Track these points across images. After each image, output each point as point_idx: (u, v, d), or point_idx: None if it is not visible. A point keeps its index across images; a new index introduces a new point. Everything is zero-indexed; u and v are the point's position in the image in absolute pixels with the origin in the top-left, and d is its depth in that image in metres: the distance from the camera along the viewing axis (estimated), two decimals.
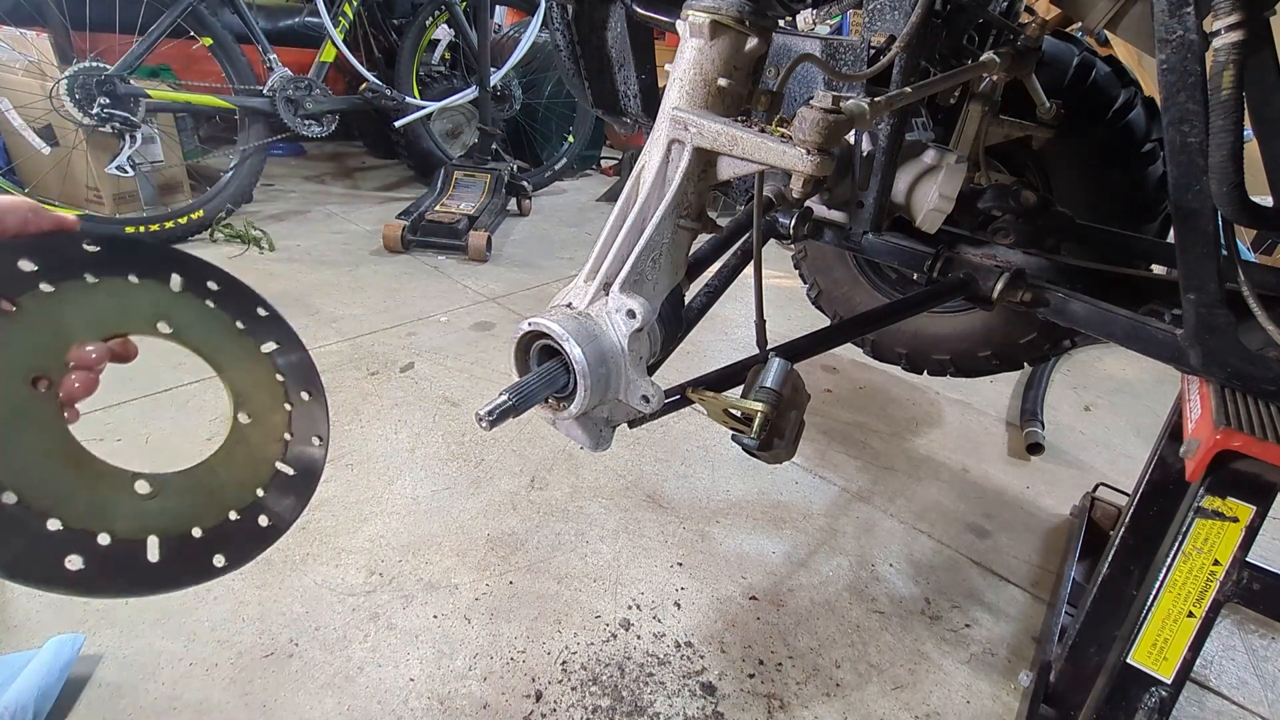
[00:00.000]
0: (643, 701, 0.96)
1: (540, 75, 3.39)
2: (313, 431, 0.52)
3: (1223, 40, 0.57)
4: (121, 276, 0.43)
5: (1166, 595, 0.69)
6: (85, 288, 0.42)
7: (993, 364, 1.35)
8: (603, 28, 1.05)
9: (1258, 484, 0.64)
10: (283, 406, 0.51)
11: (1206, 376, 0.75)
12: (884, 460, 1.58)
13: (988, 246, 1.01)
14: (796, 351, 0.87)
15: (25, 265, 0.39)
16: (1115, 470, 1.62)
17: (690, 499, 1.37)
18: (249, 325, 0.50)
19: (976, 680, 1.06)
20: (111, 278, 0.43)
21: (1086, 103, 1.10)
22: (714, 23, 0.63)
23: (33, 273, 0.39)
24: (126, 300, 0.44)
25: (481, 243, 2.45)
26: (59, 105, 2.06)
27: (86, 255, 0.42)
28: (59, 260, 0.40)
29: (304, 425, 0.52)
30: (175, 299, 0.46)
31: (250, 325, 0.50)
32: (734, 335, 2.13)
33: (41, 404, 0.39)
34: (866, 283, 1.47)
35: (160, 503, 0.43)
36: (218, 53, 2.39)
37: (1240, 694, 1.08)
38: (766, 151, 0.61)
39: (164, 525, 0.42)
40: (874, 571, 1.25)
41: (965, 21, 0.92)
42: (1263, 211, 0.64)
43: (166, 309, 0.46)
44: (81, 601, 1.00)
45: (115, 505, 0.40)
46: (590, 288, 0.64)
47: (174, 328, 0.46)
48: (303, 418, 0.52)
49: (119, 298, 0.43)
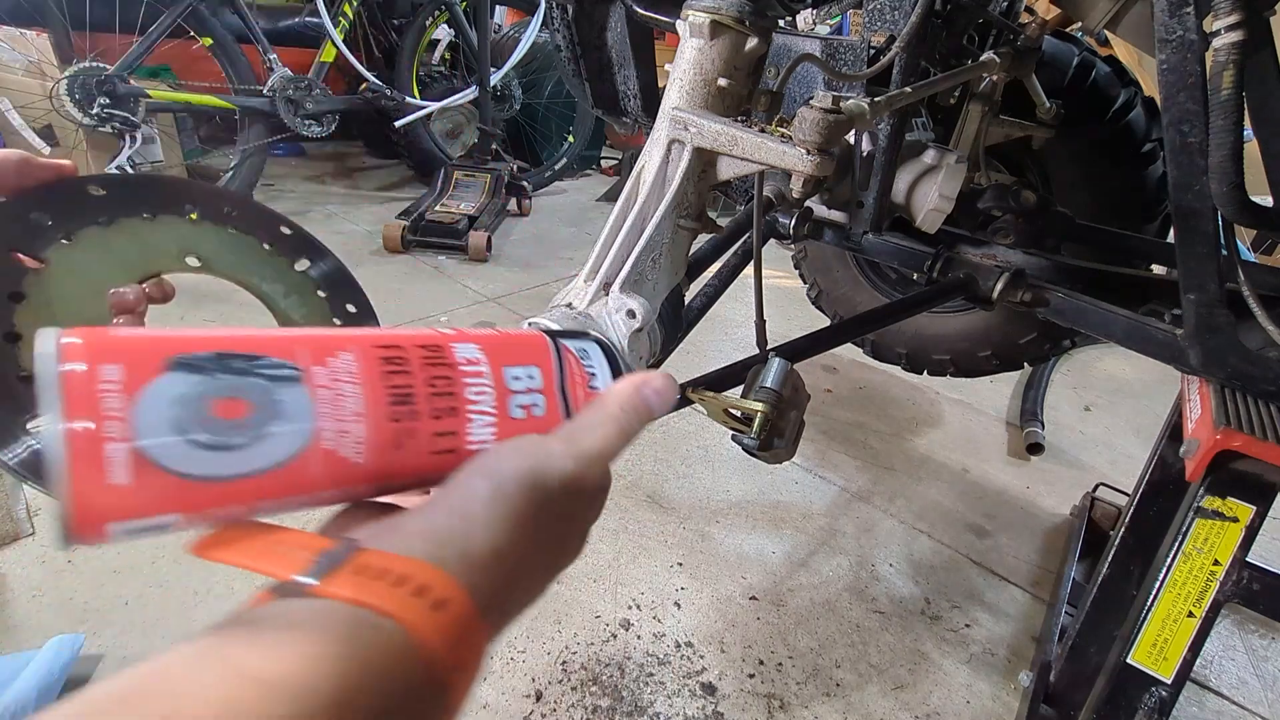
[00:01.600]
0: (643, 701, 0.96)
1: (540, 75, 3.38)
2: None
3: (1223, 40, 0.57)
4: (135, 216, 0.43)
5: (1166, 595, 0.70)
6: (103, 232, 0.41)
7: (993, 364, 1.35)
8: (603, 28, 1.05)
9: (1258, 484, 0.64)
10: (332, 321, 0.51)
11: (1206, 376, 0.75)
12: (884, 460, 1.58)
13: (988, 246, 1.01)
14: (796, 351, 0.87)
15: (39, 219, 0.38)
16: (1115, 470, 1.62)
17: (690, 499, 1.37)
18: (276, 245, 0.49)
19: (976, 680, 1.06)
20: (125, 218, 0.42)
21: (1086, 103, 1.10)
22: (714, 23, 0.63)
23: (49, 226, 0.39)
24: (147, 239, 0.43)
25: (481, 243, 2.45)
26: (59, 105, 2.06)
27: (94, 199, 0.41)
28: (70, 209, 0.40)
29: None
30: (195, 230, 0.45)
31: (278, 245, 0.49)
32: (734, 335, 2.13)
33: None
34: (866, 283, 1.47)
35: None
36: (218, 53, 2.39)
37: (1240, 694, 1.08)
38: (766, 151, 0.61)
39: None
40: (874, 571, 1.25)
41: (965, 21, 0.92)
42: (1263, 211, 0.64)
43: (190, 242, 0.45)
44: (82, 601, 1.00)
45: None
46: (590, 288, 0.64)
47: (203, 259, 0.45)
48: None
49: (139, 238, 0.43)
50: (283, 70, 2.52)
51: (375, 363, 0.27)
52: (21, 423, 0.35)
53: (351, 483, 0.27)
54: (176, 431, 0.23)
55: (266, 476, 0.24)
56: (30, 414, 0.36)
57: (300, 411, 0.25)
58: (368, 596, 0.21)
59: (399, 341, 0.29)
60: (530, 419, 0.32)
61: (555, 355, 0.34)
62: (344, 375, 0.26)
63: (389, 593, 0.21)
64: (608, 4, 1.01)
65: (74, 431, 0.21)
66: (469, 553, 0.24)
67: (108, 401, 0.22)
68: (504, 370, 0.31)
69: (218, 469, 0.23)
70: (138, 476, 0.22)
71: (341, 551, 0.23)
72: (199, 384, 0.23)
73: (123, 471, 0.22)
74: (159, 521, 0.23)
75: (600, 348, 0.37)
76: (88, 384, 0.21)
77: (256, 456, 0.24)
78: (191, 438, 0.23)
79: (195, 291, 0.45)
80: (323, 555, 0.23)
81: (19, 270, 0.38)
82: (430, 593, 0.22)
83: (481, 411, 0.30)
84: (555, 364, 0.33)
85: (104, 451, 0.21)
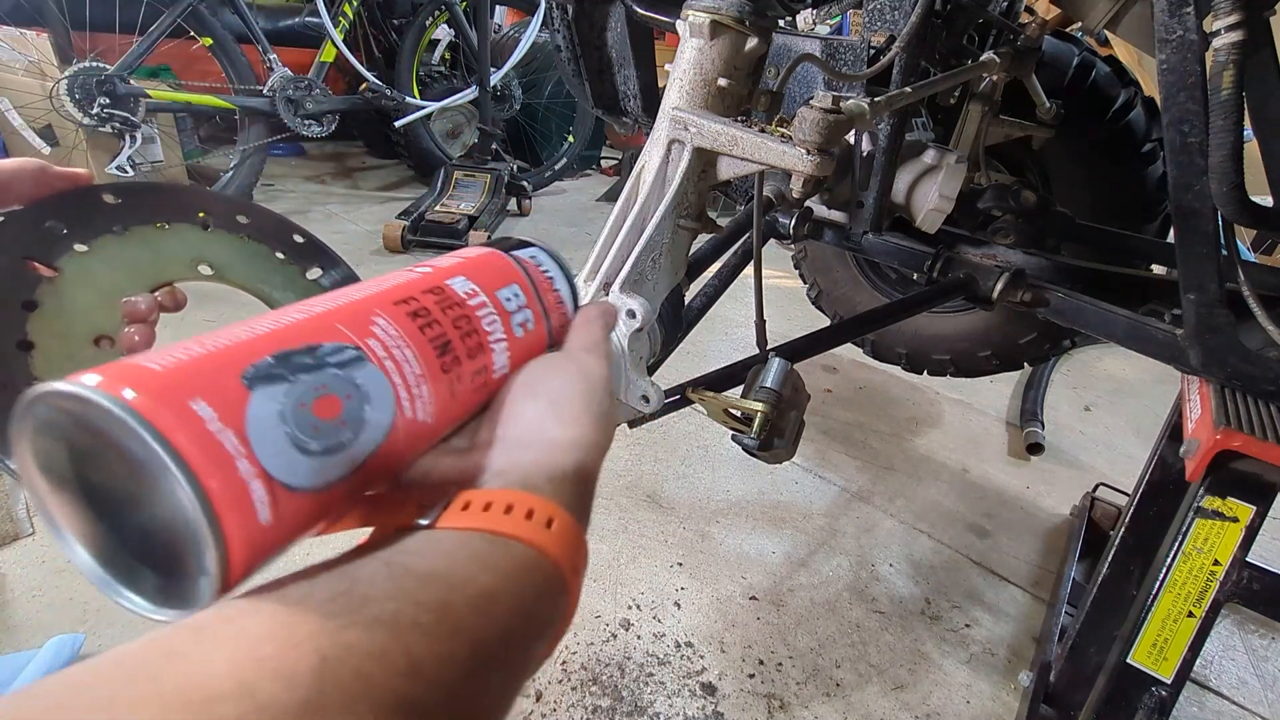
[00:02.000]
0: (643, 701, 0.96)
1: (540, 75, 3.38)
2: None
3: (1223, 40, 0.57)
4: (149, 224, 0.43)
5: (1166, 595, 0.69)
6: (117, 241, 0.41)
7: (993, 364, 1.35)
8: (603, 28, 1.05)
9: (1258, 484, 0.64)
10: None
11: (1206, 376, 0.75)
12: (884, 460, 1.58)
13: (988, 246, 1.01)
14: (796, 351, 0.87)
15: (54, 227, 0.39)
16: (1115, 470, 1.62)
17: (690, 499, 1.37)
18: (289, 254, 0.49)
19: (976, 680, 1.06)
20: (139, 226, 0.42)
21: (1086, 103, 1.10)
22: (714, 23, 0.63)
23: (64, 234, 0.39)
24: (161, 247, 0.43)
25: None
26: (59, 105, 2.06)
27: (109, 208, 0.41)
28: (85, 217, 0.40)
29: None
30: (209, 238, 0.45)
31: (290, 253, 0.49)
32: (734, 335, 2.13)
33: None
34: (866, 283, 1.47)
35: None
36: (218, 53, 2.39)
37: (1240, 694, 1.08)
38: (766, 151, 0.61)
39: None
40: (874, 571, 1.25)
41: (965, 21, 0.92)
42: (1263, 211, 0.64)
43: (203, 250, 0.45)
44: (82, 601, 1.00)
45: None
46: (590, 288, 0.64)
47: (215, 268, 0.45)
48: None
49: (152, 246, 0.43)
50: (283, 70, 2.52)
51: (407, 320, 0.27)
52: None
53: (427, 442, 0.28)
54: (297, 449, 0.22)
55: (372, 460, 0.24)
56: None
57: (380, 389, 0.25)
58: (488, 524, 0.24)
59: (410, 293, 0.29)
60: (528, 334, 0.33)
61: (522, 269, 0.35)
62: (394, 342, 0.26)
63: (505, 519, 0.24)
64: (608, 4, 1.01)
65: (215, 486, 0.19)
66: (555, 475, 0.27)
67: (226, 442, 0.20)
68: (497, 294, 0.32)
69: (338, 471, 0.23)
70: (281, 505, 0.21)
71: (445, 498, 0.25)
72: (288, 392, 0.22)
73: (268, 507, 0.21)
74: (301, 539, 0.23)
75: (541, 250, 0.38)
76: (197, 430, 0.19)
77: (361, 445, 0.24)
78: (310, 449, 0.22)
79: (195, 292, 0.45)
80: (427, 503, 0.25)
81: (34, 278, 0.38)
82: (537, 515, 0.25)
83: (498, 339, 0.31)
84: (526, 277, 0.35)
85: (250, 495, 0.20)
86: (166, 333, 0.44)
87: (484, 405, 0.31)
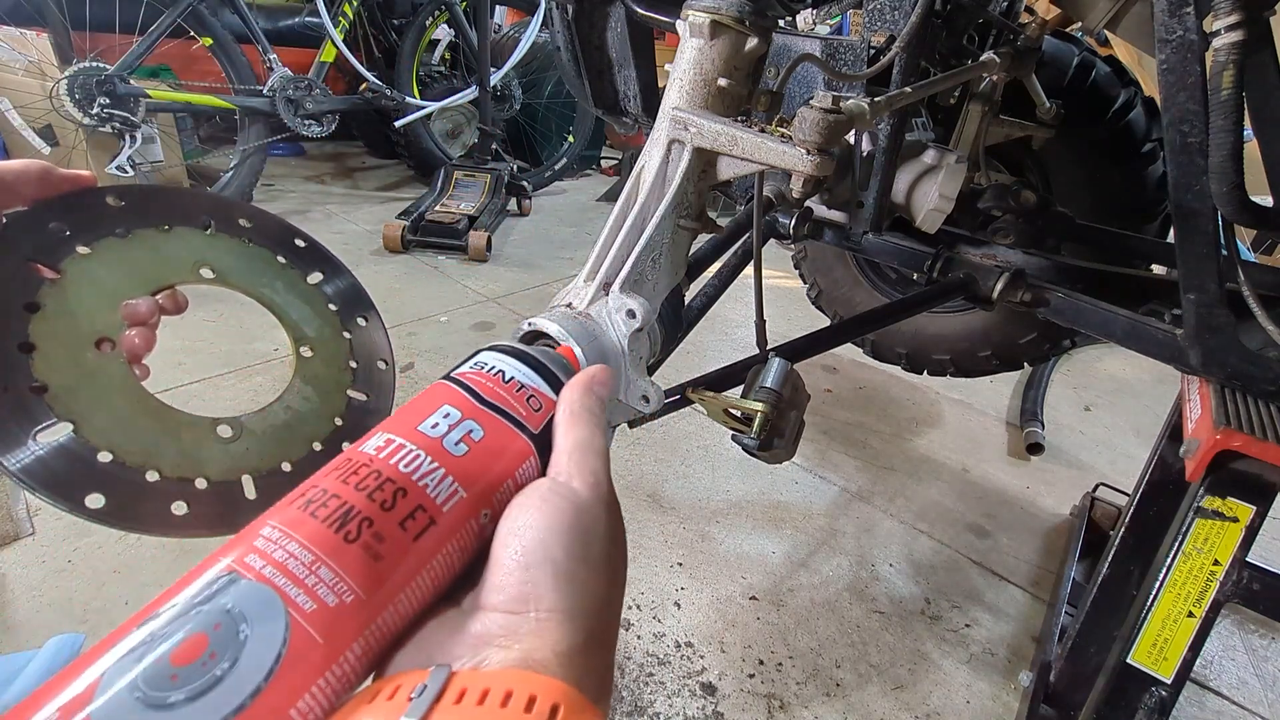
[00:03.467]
0: (643, 701, 0.96)
1: (540, 75, 3.39)
2: (377, 356, 0.52)
3: (1223, 40, 0.57)
4: (152, 227, 0.43)
5: (1166, 595, 0.69)
6: (119, 243, 0.41)
7: (993, 364, 1.35)
8: (603, 28, 1.05)
9: (1258, 484, 0.64)
10: (341, 335, 0.51)
11: (1206, 376, 0.75)
12: (884, 460, 1.58)
13: (988, 246, 1.01)
14: (796, 351, 0.87)
15: (58, 229, 0.39)
16: (1115, 470, 1.62)
17: (690, 499, 1.37)
18: (290, 258, 0.49)
19: (976, 680, 1.06)
20: (142, 229, 0.43)
21: (1086, 103, 1.10)
22: (714, 23, 0.63)
23: (67, 236, 0.39)
24: (163, 250, 0.43)
25: (481, 243, 2.45)
26: (59, 105, 2.06)
27: (112, 210, 0.41)
28: (88, 219, 0.40)
29: (366, 351, 0.52)
30: (211, 242, 0.46)
31: (291, 258, 0.50)
32: (734, 335, 2.13)
33: (111, 365, 0.39)
34: (866, 283, 1.47)
35: (244, 444, 0.43)
36: (218, 53, 2.39)
37: (1240, 694, 1.08)
38: (766, 151, 0.61)
39: (254, 464, 0.42)
40: (874, 571, 1.25)
41: (965, 21, 0.92)
42: (1263, 211, 0.64)
43: (205, 254, 0.45)
44: (82, 601, 1.00)
45: (204, 451, 0.41)
46: (590, 288, 0.64)
47: (216, 272, 0.45)
48: (364, 344, 0.52)
49: (155, 249, 0.43)
50: (283, 70, 2.52)
51: (296, 512, 0.26)
52: (30, 432, 0.35)
53: (369, 619, 0.25)
54: (154, 708, 0.20)
55: (280, 675, 0.22)
56: (40, 425, 0.35)
57: (260, 598, 0.23)
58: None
59: (309, 485, 0.28)
60: (477, 444, 0.31)
61: (460, 386, 0.34)
62: (274, 544, 0.25)
63: (501, 715, 0.21)
64: (608, 4, 1.01)
65: None
66: (561, 647, 0.24)
67: None
68: (416, 430, 0.31)
69: (232, 700, 0.21)
70: None
71: (436, 682, 0.22)
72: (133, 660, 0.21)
73: None
74: None
75: (488, 351, 0.37)
76: None
77: (251, 662, 0.22)
78: (170, 701, 0.20)
79: (194, 292, 0.45)
80: (417, 691, 0.22)
81: (36, 280, 0.38)
82: (540, 704, 0.21)
83: (426, 472, 0.29)
84: (464, 391, 0.33)
85: None
86: (167, 333, 0.44)
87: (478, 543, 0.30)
